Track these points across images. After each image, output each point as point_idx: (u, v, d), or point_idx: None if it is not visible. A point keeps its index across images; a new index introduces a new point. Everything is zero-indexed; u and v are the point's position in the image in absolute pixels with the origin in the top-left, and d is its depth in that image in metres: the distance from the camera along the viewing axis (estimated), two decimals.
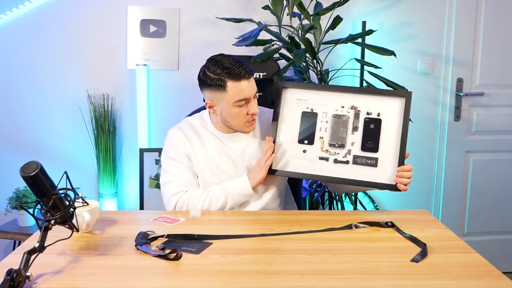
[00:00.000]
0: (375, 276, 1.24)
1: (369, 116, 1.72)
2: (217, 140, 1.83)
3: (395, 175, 1.67)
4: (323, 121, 1.75)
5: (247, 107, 1.73)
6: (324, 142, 1.74)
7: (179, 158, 1.81)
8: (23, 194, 2.57)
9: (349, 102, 1.74)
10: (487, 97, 2.97)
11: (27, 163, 1.19)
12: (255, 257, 1.34)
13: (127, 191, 2.88)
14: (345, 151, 1.72)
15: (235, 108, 1.72)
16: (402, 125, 1.69)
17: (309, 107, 1.76)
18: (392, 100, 1.72)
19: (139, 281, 1.20)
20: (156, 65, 2.78)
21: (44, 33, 2.73)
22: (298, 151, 1.75)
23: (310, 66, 2.53)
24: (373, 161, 1.71)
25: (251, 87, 1.71)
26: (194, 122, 1.88)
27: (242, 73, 1.69)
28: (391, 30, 2.86)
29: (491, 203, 3.07)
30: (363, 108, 1.73)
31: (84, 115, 2.78)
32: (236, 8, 2.77)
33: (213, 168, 1.81)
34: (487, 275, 1.25)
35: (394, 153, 1.69)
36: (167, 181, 1.80)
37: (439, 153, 3.01)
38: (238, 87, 1.69)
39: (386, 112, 1.72)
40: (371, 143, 1.71)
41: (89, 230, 1.51)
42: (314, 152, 1.74)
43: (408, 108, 1.69)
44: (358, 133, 1.72)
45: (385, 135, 1.71)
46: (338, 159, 1.73)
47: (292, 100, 1.77)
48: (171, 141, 1.84)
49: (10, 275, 1.08)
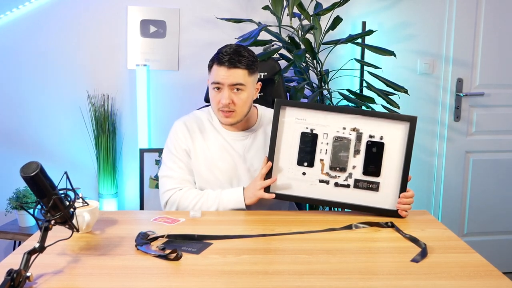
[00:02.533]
0: (375, 276, 1.24)
1: (372, 140, 1.67)
2: (220, 138, 1.83)
3: (397, 202, 1.66)
4: (324, 142, 1.69)
5: (221, 94, 1.73)
6: (325, 165, 1.69)
7: (178, 154, 1.82)
8: (23, 194, 2.57)
9: (351, 123, 1.68)
10: (487, 97, 2.97)
11: (27, 163, 1.19)
12: (255, 257, 1.34)
13: (127, 191, 2.88)
14: (346, 174, 1.68)
15: (212, 90, 1.76)
16: (406, 149, 1.66)
17: (308, 127, 1.69)
18: (395, 124, 1.67)
19: (139, 281, 1.20)
20: (156, 65, 2.78)
21: (44, 33, 2.73)
22: (298, 173, 1.70)
23: (310, 67, 2.53)
24: (375, 186, 1.68)
25: (227, 76, 1.71)
26: (201, 116, 1.89)
27: (225, 59, 1.71)
28: (391, 30, 2.86)
29: (491, 203, 3.07)
30: (365, 131, 1.67)
31: (84, 115, 2.78)
32: (236, 8, 2.77)
33: (212, 165, 1.81)
34: (487, 275, 1.25)
35: (396, 178, 1.67)
36: (164, 175, 1.83)
37: (439, 153, 3.01)
38: (216, 71, 1.73)
39: (389, 136, 1.67)
40: (373, 167, 1.67)
41: (89, 230, 1.51)
42: (314, 174, 1.69)
43: (412, 132, 1.65)
44: (360, 156, 1.67)
45: (387, 159, 1.67)
46: (339, 182, 1.69)
47: (291, 119, 1.70)
48: (174, 134, 1.85)
49: (11, 275, 1.08)
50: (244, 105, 1.75)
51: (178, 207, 1.76)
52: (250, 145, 1.83)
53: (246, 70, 1.72)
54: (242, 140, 1.83)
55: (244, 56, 1.72)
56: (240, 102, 1.74)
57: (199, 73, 2.73)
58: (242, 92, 1.73)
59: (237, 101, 1.73)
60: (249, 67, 1.73)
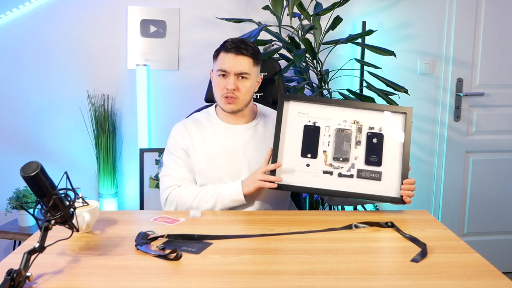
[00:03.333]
0: (375, 276, 1.24)
1: (372, 131, 1.74)
2: (220, 134, 1.86)
3: (401, 188, 1.70)
4: (326, 134, 1.74)
5: (226, 80, 1.77)
6: (328, 156, 1.73)
7: (176, 153, 1.85)
8: (23, 194, 2.57)
9: (351, 116, 1.75)
10: (487, 97, 2.97)
11: (27, 163, 1.19)
12: (255, 257, 1.34)
13: (127, 191, 2.88)
14: (349, 165, 1.73)
15: (218, 77, 1.80)
16: (404, 139, 1.73)
17: (311, 121, 1.76)
18: (393, 115, 1.75)
19: (139, 281, 1.20)
20: (156, 65, 2.78)
21: (44, 33, 2.73)
22: (302, 165, 1.74)
23: (310, 66, 2.53)
24: (377, 175, 1.72)
25: (235, 63, 1.77)
26: (200, 117, 1.93)
27: (233, 47, 1.77)
28: (391, 30, 2.86)
29: (491, 203, 3.07)
30: (365, 123, 1.75)
31: (84, 115, 2.78)
32: (236, 8, 2.77)
33: (211, 162, 1.83)
34: (487, 275, 1.25)
35: (397, 166, 1.72)
36: (164, 174, 1.86)
37: (439, 153, 3.01)
38: (223, 58, 1.79)
39: (388, 127, 1.75)
40: (375, 157, 1.73)
41: (89, 230, 1.51)
42: (318, 166, 1.73)
43: (409, 123, 1.73)
44: (361, 147, 1.73)
45: (387, 149, 1.73)
46: (342, 173, 1.72)
47: (294, 113, 1.76)
48: (172, 136, 1.90)
49: (10, 275, 1.08)
50: (247, 93, 1.81)
51: (178, 203, 1.78)
52: (250, 138, 1.86)
53: (251, 59, 1.79)
54: (242, 133, 1.86)
55: (250, 46, 1.80)
56: (244, 89, 1.79)
57: (199, 73, 2.73)
58: (247, 81, 1.80)
59: (241, 88, 1.79)
60: (254, 57, 1.80)
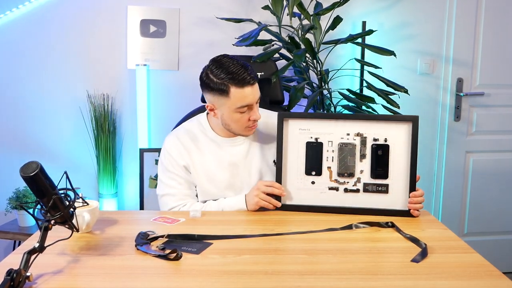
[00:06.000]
0: (375, 276, 1.24)
1: (376, 143, 1.68)
2: (216, 148, 1.80)
3: (408, 201, 1.66)
4: (329, 150, 1.70)
5: (249, 113, 1.70)
6: (332, 172, 1.70)
7: (175, 170, 1.78)
8: (23, 194, 2.57)
9: (354, 129, 1.69)
10: (487, 97, 2.97)
11: (27, 163, 1.19)
12: (255, 257, 1.34)
13: (127, 191, 2.88)
14: (355, 179, 1.69)
15: (237, 114, 1.69)
16: (411, 149, 1.67)
17: (313, 137, 1.71)
18: (398, 125, 1.68)
19: (139, 281, 1.20)
20: (156, 65, 2.78)
21: (44, 33, 2.73)
22: (307, 182, 1.71)
23: (310, 66, 2.53)
24: (384, 188, 1.68)
25: (254, 93, 1.68)
26: (192, 128, 1.83)
27: (247, 79, 1.65)
28: (391, 30, 2.86)
29: (491, 203, 3.07)
30: (369, 135, 1.69)
31: (84, 115, 2.78)
32: (236, 8, 2.77)
33: (212, 177, 1.79)
34: (487, 275, 1.25)
35: (405, 178, 1.67)
36: (163, 194, 1.79)
37: (439, 153, 3.01)
38: (241, 94, 1.65)
39: (393, 137, 1.68)
40: (381, 169, 1.68)
41: (89, 230, 1.51)
42: (323, 182, 1.70)
43: (416, 132, 1.66)
44: (366, 160, 1.68)
45: (394, 160, 1.68)
46: (348, 188, 1.69)
47: (295, 131, 1.71)
48: (167, 151, 1.80)
49: (10, 275, 1.08)
50: None
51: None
52: (248, 149, 1.82)
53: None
54: (240, 145, 1.81)
55: (249, 66, 1.70)
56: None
57: (199, 73, 2.71)
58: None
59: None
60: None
